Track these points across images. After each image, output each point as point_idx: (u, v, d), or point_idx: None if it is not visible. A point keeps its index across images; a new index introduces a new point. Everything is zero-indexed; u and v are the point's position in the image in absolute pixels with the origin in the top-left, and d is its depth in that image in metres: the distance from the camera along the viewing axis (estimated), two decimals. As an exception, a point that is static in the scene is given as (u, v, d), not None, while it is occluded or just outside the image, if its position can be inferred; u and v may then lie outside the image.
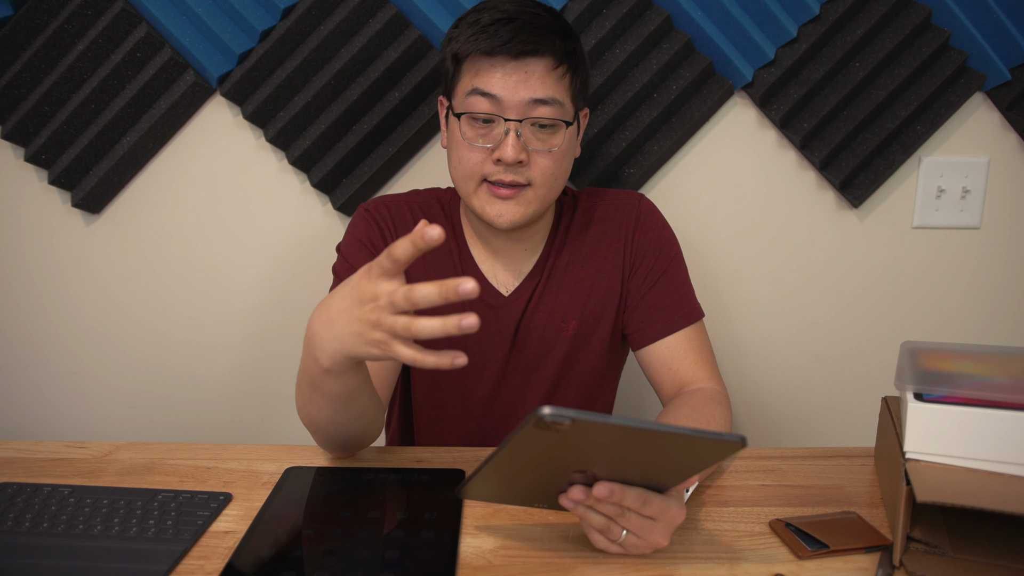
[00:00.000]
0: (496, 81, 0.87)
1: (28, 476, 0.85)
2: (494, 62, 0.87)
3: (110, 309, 1.33)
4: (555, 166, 0.91)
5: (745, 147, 1.26)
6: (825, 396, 1.37)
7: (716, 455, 0.62)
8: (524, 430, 0.56)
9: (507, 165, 0.89)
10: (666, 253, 1.02)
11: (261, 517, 0.76)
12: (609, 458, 0.61)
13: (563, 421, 0.54)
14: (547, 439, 0.57)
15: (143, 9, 1.17)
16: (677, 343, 0.98)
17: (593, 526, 0.67)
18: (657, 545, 0.68)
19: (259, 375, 1.36)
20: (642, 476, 0.64)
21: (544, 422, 0.54)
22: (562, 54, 0.89)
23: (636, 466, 0.63)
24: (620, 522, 0.66)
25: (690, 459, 0.62)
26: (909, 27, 1.18)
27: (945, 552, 0.67)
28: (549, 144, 0.90)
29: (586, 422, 0.55)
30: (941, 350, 0.82)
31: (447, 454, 0.91)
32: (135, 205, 1.28)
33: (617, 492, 0.64)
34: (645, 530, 0.67)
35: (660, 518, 0.66)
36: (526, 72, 0.87)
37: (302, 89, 1.20)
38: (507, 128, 0.88)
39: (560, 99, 0.89)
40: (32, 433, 1.37)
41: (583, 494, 0.65)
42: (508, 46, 0.86)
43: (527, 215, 0.92)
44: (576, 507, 0.67)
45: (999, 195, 1.28)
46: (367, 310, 0.66)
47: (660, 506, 0.66)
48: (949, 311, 1.33)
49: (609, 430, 0.56)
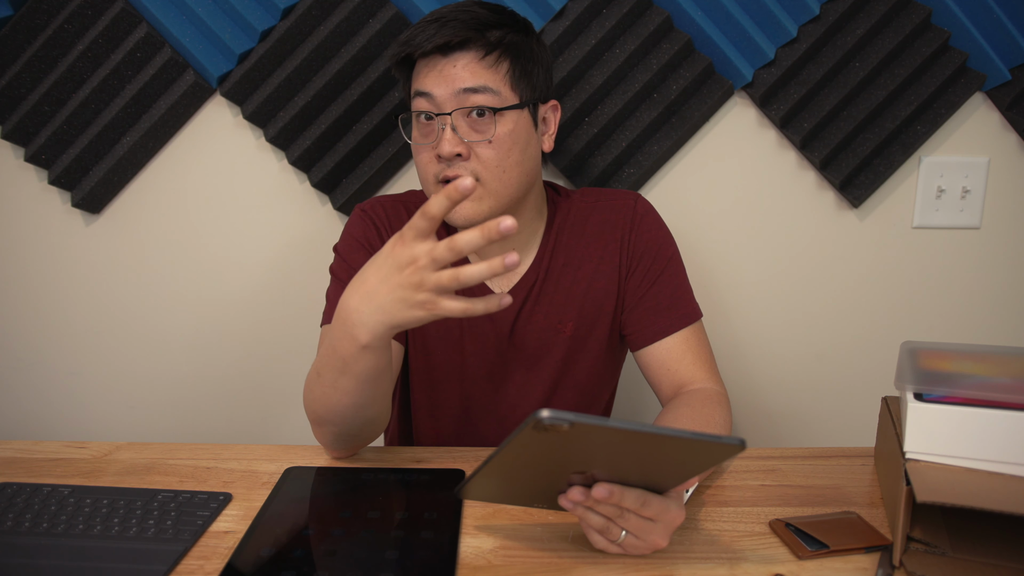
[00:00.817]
0: (429, 78, 0.90)
1: (28, 476, 0.85)
2: (428, 62, 0.90)
3: (110, 309, 1.33)
4: (500, 156, 0.90)
5: (745, 147, 1.26)
6: (825, 396, 1.37)
7: (715, 457, 0.62)
8: (523, 432, 0.56)
9: (446, 160, 0.90)
10: (663, 253, 1.01)
11: (261, 517, 0.76)
12: (608, 460, 0.62)
13: (562, 424, 0.54)
14: (546, 441, 0.57)
15: (143, 9, 1.17)
16: (675, 344, 0.98)
17: (592, 527, 0.68)
18: (656, 546, 0.68)
19: (259, 375, 1.36)
20: (641, 477, 0.64)
21: (543, 425, 0.54)
22: (493, 43, 0.90)
23: (635, 467, 0.63)
24: (619, 523, 0.66)
25: (689, 461, 0.62)
26: (909, 27, 1.18)
27: (945, 552, 0.67)
28: (487, 134, 0.90)
29: (585, 425, 0.55)
30: (941, 350, 0.82)
31: (447, 454, 0.91)
32: (135, 205, 1.28)
33: (616, 493, 0.64)
34: (644, 531, 0.67)
35: (659, 519, 0.67)
36: (454, 66, 0.89)
37: (302, 89, 1.20)
38: (442, 123, 0.89)
39: (492, 87, 0.89)
40: (32, 433, 1.37)
41: (582, 495, 0.65)
42: (431, 41, 0.88)
43: (482, 211, 0.91)
44: (575, 508, 0.67)
45: (999, 195, 1.28)
46: (408, 273, 0.67)
47: (659, 507, 0.66)
48: (949, 311, 1.33)
49: (608, 433, 0.56)
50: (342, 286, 0.97)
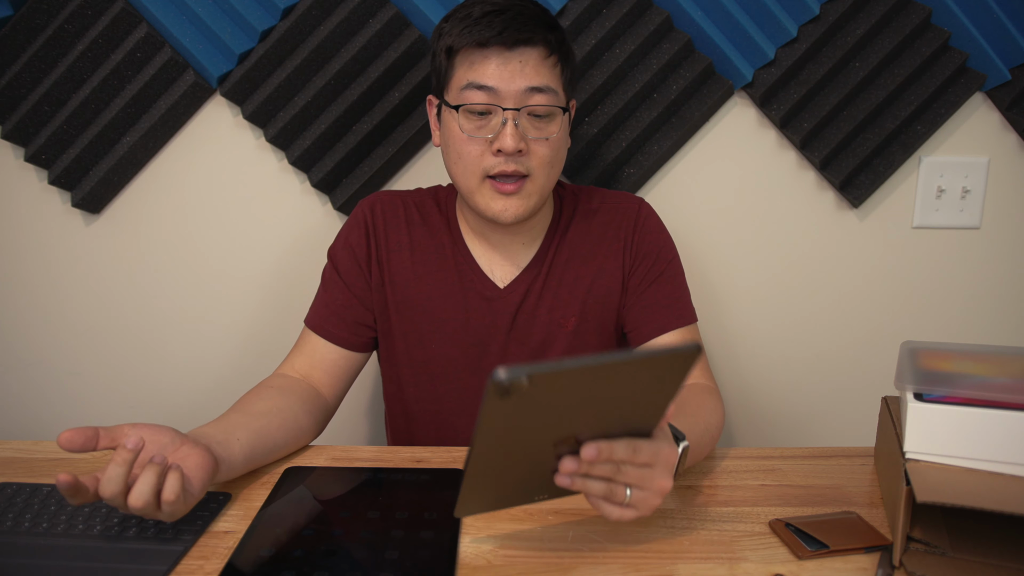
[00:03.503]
0: (491, 72, 0.89)
1: (28, 476, 0.85)
2: (487, 53, 0.89)
3: (110, 309, 1.33)
4: (552, 154, 0.93)
5: (745, 147, 1.26)
6: (825, 396, 1.37)
7: (677, 370, 0.60)
8: (488, 405, 0.55)
9: (507, 155, 0.90)
10: (664, 256, 1.03)
11: (261, 517, 0.76)
12: (582, 413, 0.60)
13: (520, 379, 0.53)
14: (513, 410, 0.56)
15: (143, 9, 1.17)
16: (670, 342, 0.99)
17: (597, 495, 0.66)
18: (663, 489, 0.66)
19: (259, 374, 1.35)
20: (621, 423, 0.63)
21: (503, 386, 0.53)
22: (553, 43, 0.91)
23: (611, 413, 0.62)
24: (619, 479, 0.65)
25: (655, 384, 0.61)
26: (909, 27, 1.18)
27: (945, 552, 0.67)
28: (546, 132, 0.92)
29: (543, 374, 0.54)
30: (941, 350, 0.82)
31: (447, 454, 0.91)
32: (135, 205, 1.28)
33: (605, 448, 0.63)
34: (646, 479, 0.65)
35: (655, 462, 0.65)
36: (521, 62, 0.89)
37: (302, 89, 1.20)
38: (505, 118, 0.89)
39: (554, 87, 0.91)
40: (32, 433, 1.37)
41: (574, 463, 0.63)
42: (502, 36, 0.88)
43: (530, 207, 0.94)
44: (573, 481, 0.65)
45: (999, 195, 1.28)
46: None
47: (651, 449, 0.65)
48: (949, 311, 1.33)
49: (568, 376, 0.55)
50: (321, 291, 1.03)
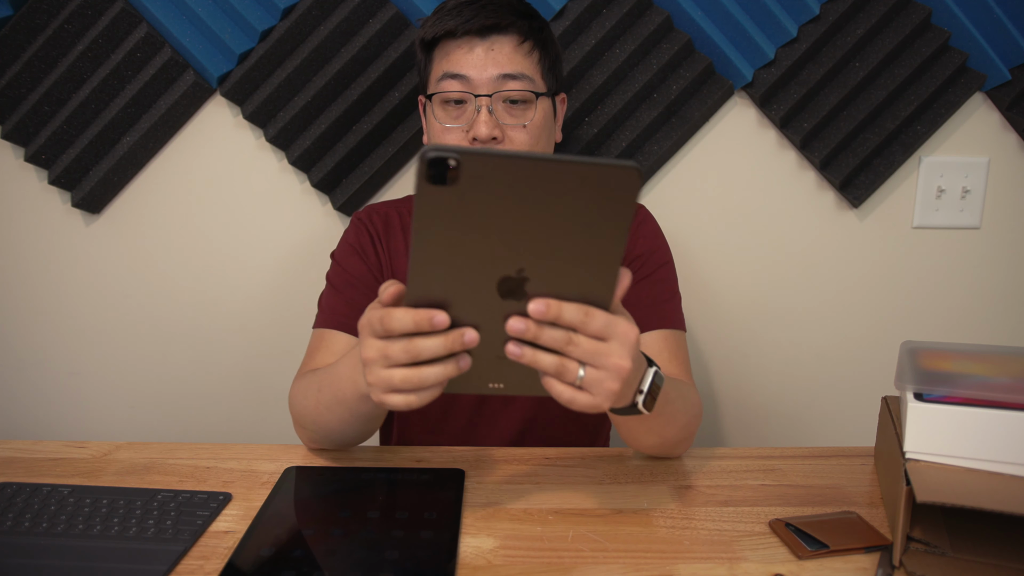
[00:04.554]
0: (464, 60, 0.90)
1: (28, 476, 0.85)
2: (460, 43, 0.91)
3: (110, 309, 1.33)
4: (532, 142, 0.93)
5: (745, 147, 1.26)
6: (825, 396, 1.37)
7: (619, 199, 0.57)
8: (420, 190, 0.55)
9: (483, 143, 0.90)
10: (655, 259, 1.01)
11: (261, 517, 0.76)
12: (523, 240, 0.58)
13: (448, 157, 0.54)
14: (447, 207, 0.55)
15: (143, 9, 1.17)
16: (652, 341, 0.96)
17: (548, 370, 0.61)
18: (621, 369, 0.61)
19: (259, 374, 1.36)
20: (572, 281, 0.60)
21: (427, 158, 0.53)
22: (527, 31, 0.92)
23: (556, 253, 0.59)
24: (570, 352, 0.61)
25: (598, 216, 0.57)
26: (909, 27, 1.18)
27: (945, 552, 0.67)
28: (523, 119, 0.92)
29: (471, 156, 0.54)
30: (941, 350, 0.82)
31: (447, 454, 0.91)
32: (135, 205, 1.28)
33: (553, 305, 0.59)
34: (600, 354, 0.61)
35: (610, 335, 0.61)
36: (493, 49, 0.90)
37: (302, 89, 1.20)
38: (478, 105, 0.90)
39: (529, 74, 0.92)
40: (32, 433, 1.37)
41: (522, 322, 0.60)
42: (471, 23, 0.89)
43: None
44: (523, 351, 0.61)
45: (999, 195, 1.28)
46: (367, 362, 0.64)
47: (604, 320, 0.61)
48: (949, 311, 1.33)
49: (499, 167, 0.55)
50: (335, 292, 1.00)
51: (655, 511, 0.78)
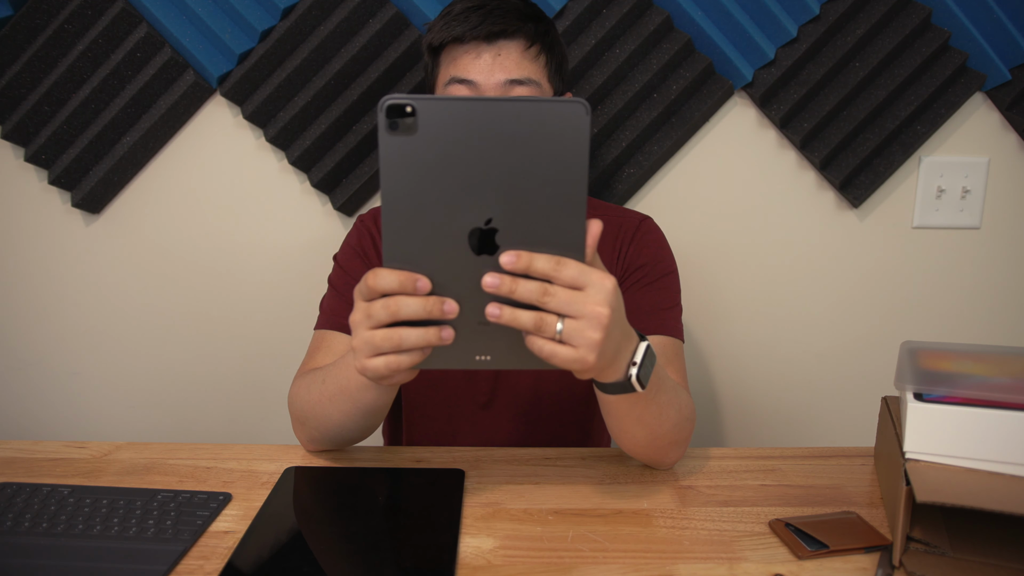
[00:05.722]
0: (472, 66, 0.90)
1: (28, 476, 0.85)
2: (468, 48, 0.90)
3: (110, 309, 1.33)
4: None
5: (745, 147, 1.26)
6: (825, 396, 1.37)
7: (572, 137, 0.59)
8: (383, 142, 0.58)
9: None
10: (658, 268, 1.00)
11: (261, 517, 0.76)
12: (486, 186, 0.59)
13: (406, 103, 0.57)
14: (410, 155, 0.58)
15: (143, 9, 1.17)
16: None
17: (527, 326, 0.61)
18: (600, 316, 0.61)
19: (259, 374, 1.36)
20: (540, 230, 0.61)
21: (385, 107, 0.57)
22: (534, 35, 0.91)
23: (519, 199, 0.60)
24: (546, 303, 0.60)
25: (555, 157, 0.59)
26: (909, 27, 1.18)
27: (945, 552, 0.67)
28: None
29: (431, 102, 0.57)
30: (941, 350, 0.82)
31: (447, 454, 0.91)
32: (135, 205, 1.28)
33: (524, 255, 0.60)
34: (577, 303, 0.60)
35: (585, 283, 0.61)
36: (500, 54, 0.90)
37: (302, 89, 1.20)
38: None
39: (536, 79, 0.91)
40: (32, 433, 1.38)
41: (496, 277, 0.60)
42: (479, 29, 0.89)
43: None
44: (502, 311, 0.61)
45: (999, 195, 1.28)
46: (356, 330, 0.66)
47: (577, 268, 0.61)
48: (949, 311, 1.33)
49: (455, 112, 0.58)
50: (336, 294, 1.00)
51: (655, 511, 0.78)
